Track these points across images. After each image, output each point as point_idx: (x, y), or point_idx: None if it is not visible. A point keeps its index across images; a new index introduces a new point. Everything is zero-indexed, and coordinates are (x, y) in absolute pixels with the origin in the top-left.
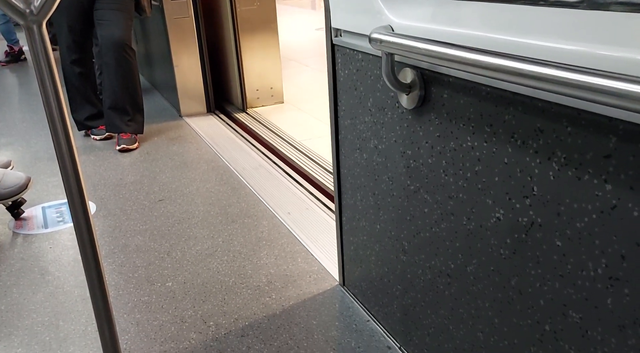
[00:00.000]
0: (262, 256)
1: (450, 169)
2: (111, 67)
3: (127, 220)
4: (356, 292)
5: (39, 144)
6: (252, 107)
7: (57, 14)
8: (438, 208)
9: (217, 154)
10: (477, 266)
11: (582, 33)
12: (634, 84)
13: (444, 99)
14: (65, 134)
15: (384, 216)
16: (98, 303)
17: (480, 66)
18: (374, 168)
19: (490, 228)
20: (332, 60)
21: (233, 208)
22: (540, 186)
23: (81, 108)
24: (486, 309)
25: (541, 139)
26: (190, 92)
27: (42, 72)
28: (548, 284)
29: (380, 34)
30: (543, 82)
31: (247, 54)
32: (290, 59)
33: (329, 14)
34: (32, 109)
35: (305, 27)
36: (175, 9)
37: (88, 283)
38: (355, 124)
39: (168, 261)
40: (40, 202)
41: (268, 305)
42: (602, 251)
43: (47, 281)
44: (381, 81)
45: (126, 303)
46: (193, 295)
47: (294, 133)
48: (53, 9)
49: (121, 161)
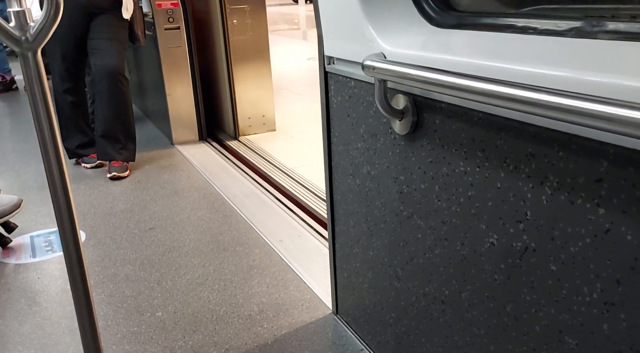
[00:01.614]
0: (254, 284)
1: (443, 195)
2: (104, 96)
3: (116, 249)
4: (349, 320)
5: (28, 173)
6: (244, 135)
7: (51, 42)
8: (431, 234)
9: (208, 181)
10: (472, 292)
11: (571, 60)
12: (621, 108)
13: (436, 125)
14: (57, 160)
15: (377, 242)
16: (86, 334)
17: (472, 92)
18: (366, 194)
19: (484, 254)
20: (325, 87)
21: (224, 236)
22: (534, 211)
23: (72, 136)
24: (481, 336)
25: (533, 164)
26: (182, 120)
27: (35, 98)
28: (543, 310)
29: (373, 61)
30: (533, 107)
31: (239, 82)
32: (282, 88)
33: (322, 42)
34: (22, 138)
35: (297, 57)
36: (169, 39)
37: (77, 313)
38: (348, 150)
39: (158, 291)
40: (28, 231)
41: (260, 335)
42: (597, 276)
43: (34, 312)
44: (374, 108)
45: (115, 334)
46: (183, 325)
47: (286, 160)
48: (48, 37)
49: (112, 189)
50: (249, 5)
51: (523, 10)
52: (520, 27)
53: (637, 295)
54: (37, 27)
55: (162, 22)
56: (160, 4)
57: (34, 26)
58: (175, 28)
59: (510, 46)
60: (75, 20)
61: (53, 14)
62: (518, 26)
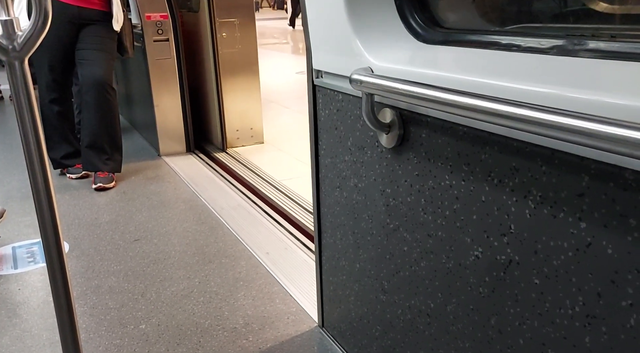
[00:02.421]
0: (240, 297)
1: (429, 208)
2: (91, 106)
3: (100, 260)
4: (335, 334)
5: (12, 183)
6: (232, 147)
7: (39, 52)
8: (417, 247)
9: (195, 193)
10: (457, 305)
11: (553, 77)
12: (601, 124)
13: (422, 139)
14: (43, 170)
15: (363, 255)
16: (68, 347)
17: (457, 107)
18: (353, 207)
19: (469, 267)
20: (313, 100)
21: (210, 248)
22: (517, 224)
23: (58, 147)
24: (466, 349)
25: (517, 178)
26: (170, 131)
27: (22, 108)
28: (527, 323)
29: (360, 75)
30: (516, 122)
31: (228, 94)
32: (271, 101)
33: (311, 56)
34: (6, 148)
35: (286, 71)
36: (158, 50)
37: (59, 325)
38: (336, 163)
39: (142, 303)
40: (10, 242)
41: (245, 348)
42: (578, 289)
43: (14, 324)
44: (361, 121)
45: (97, 347)
46: (167, 338)
47: (274, 172)
48: (36, 46)
49: (97, 200)
50: (239, 19)
51: (507, 28)
52: (504, 44)
53: (618, 308)
54: (25, 37)
55: (151, 34)
56: (149, 16)
57: (22, 35)
58: (164, 40)
59: (495, 63)
60: (63, 30)
61: (41, 24)
62: (502, 43)
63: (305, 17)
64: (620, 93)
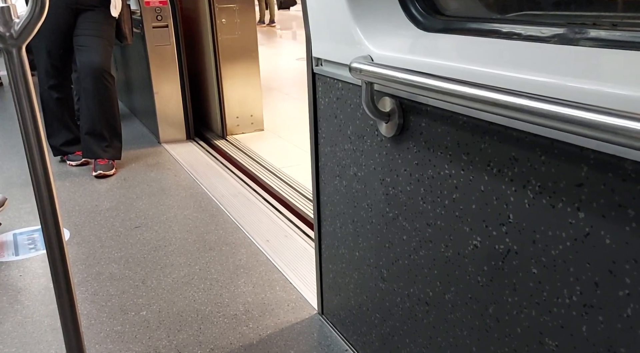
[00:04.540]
0: (240, 284)
1: (429, 197)
2: (89, 93)
3: (101, 247)
4: (335, 321)
5: (12, 169)
6: (232, 134)
7: (37, 38)
8: (416, 236)
9: (195, 180)
10: (455, 294)
11: (553, 66)
12: (601, 114)
13: (422, 128)
14: (42, 158)
15: (363, 243)
16: (69, 333)
17: (457, 96)
18: (353, 195)
19: (467, 256)
20: (312, 88)
21: (211, 235)
22: (516, 214)
23: (58, 134)
24: (464, 338)
25: (516, 168)
26: (169, 119)
27: (20, 95)
28: (525, 311)
29: (360, 63)
30: (516, 112)
31: (227, 81)
32: (271, 88)
33: (310, 44)
34: (6, 134)
35: (286, 58)
36: (157, 37)
37: (59, 312)
38: (335, 152)
39: (143, 290)
40: (11, 228)
41: (245, 335)
42: (576, 279)
43: (16, 310)
44: (361, 110)
45: (98, 333)
46: (168, 325)
47: (274, 160)
48: (33, 34)
49: (97, 187)
50: (238, 5)
51: (508, 16)
52: (505, 32)
53: (615, 298)
54: (22, 24)
55: (151, 20)
56: (148, 2)
57: (19, 22)
58: (164, 26)
59: (495, 51)
60: (61, 16)
61: (38, 11)
62: (503, 32)
63: (305, 5)
64: (621, 83)
